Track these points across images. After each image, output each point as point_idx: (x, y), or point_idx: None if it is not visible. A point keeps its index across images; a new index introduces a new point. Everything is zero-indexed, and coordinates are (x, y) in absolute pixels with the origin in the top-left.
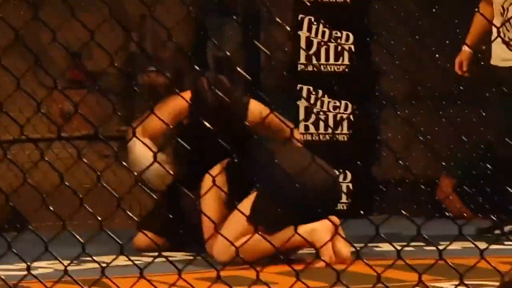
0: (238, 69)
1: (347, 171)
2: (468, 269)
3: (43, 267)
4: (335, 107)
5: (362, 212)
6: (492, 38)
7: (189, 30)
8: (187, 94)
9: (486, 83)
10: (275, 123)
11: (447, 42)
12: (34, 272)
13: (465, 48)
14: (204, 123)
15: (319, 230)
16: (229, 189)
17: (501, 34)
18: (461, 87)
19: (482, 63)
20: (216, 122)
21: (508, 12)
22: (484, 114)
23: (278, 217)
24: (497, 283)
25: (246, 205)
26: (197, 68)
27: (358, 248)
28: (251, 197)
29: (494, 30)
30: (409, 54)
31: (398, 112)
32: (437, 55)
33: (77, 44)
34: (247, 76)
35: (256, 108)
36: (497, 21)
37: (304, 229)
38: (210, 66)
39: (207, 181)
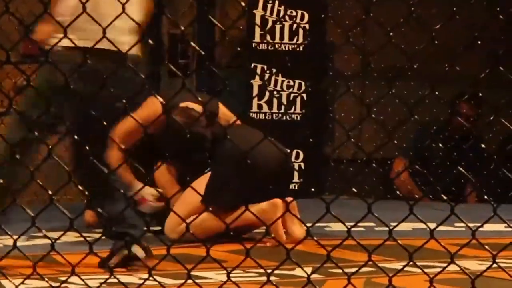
0: (192, 44)
1: (299, 151)
2: (417, 249)
3: None
4: (288, 86)
5: (313, 191)
6: None
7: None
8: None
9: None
10: (228, 116)
11: (401, 20)
12: None
13: None
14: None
15: (269, 209)
16: (182, 167)
17: None
18: (415, 66)
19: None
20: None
21: None
22: (436, 93)
23: (231, 197)
24: (445, 264)
25: (200, 184)
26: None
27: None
28: (206, 176)
29: None
30: (362, 32)
31: (351, 90)
32: (391, 33)
33: (30, 18)
34: (201, 51)
35: (224, 115)
36: None
37: (254, 208)
38: (164, 43)
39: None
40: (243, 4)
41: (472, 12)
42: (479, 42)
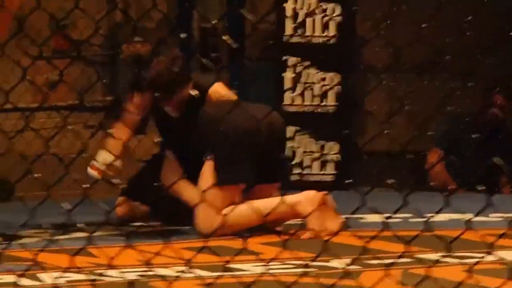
0: (224, 37)
1: (334, 143)
2: (454, 239)
3: (28, 236)
4: (321, 79)
5: (347, 183)
6: None
7: (174, 1)
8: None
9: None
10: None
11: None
12: (20, 241)
13: None
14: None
15: (304, 201)
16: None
17: None
18: (446, 58)
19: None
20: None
21: None
22: (469, 85)
23: (241, 170)
24: (482, 254)
25: (207, 174)
26: (181, 37)
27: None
28: (208, 164)
29: None
30: (393, 25)
31: (384, 82)
32: (422, 26)
33: (61, 13)
34: (233, 44)
35: (216, 92)
36: None
37: (289, 200)
38: (195, 37)
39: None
40: None
41: (503, 2)
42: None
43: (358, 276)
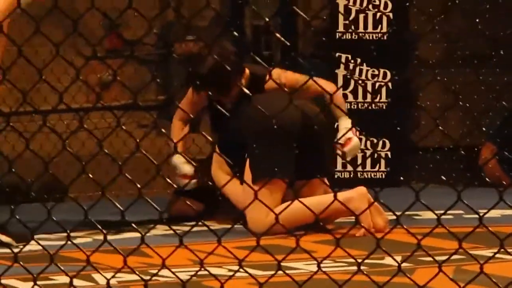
0: (277, 35)
1: (385, 139)
2: (508, 235)
3: (81, 236)
4: (373, 75)
5: (401, 179)
6: None
7: None
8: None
9: None
10: (291, 82)
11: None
12: (73, 241)
13: None
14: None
15: (356, 198)
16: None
17: None
18: (500, 51)
19: None
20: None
21: None
22: None
23: (276, 165)
24: None
25: (248, 172)
26: (236, 35)
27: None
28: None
29: None
30: (446, 20)
31: (438, 78)
32: (477, 19)
33: (114, 13)
34: (285, 41)
35: (274, 74)
36: None
37: (341, 197)
38: (247, 34)
39: (214, 159)
40: None
41: None
42: None
43: (412, 273)
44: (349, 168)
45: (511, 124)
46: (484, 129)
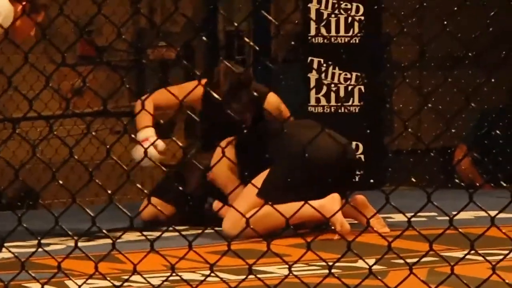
0: (247, 40)
1: (358, 143)
2: (478, 236)
3: (55, 243)
4: (346, 79)
5: (372, 182)
6: None
7: (199, 4)
8: (203, 82)
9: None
10: (285, 113)
11: (456, 8)
12: (45, 248)
13: None
14: (217, 109)
15: (327, 204)
16: (240, 164)
17: None
18: (471, 54)
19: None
20: (229, 110)
21: None
22: (493, 80)
23: (289, 192)
24: (508, 251)
25: (259, 180)
26: (207, 42)
27: (368, 219)
28: (264, 173)
29: None
30: (418, 22)
31: (407, 80)
32: (445, 22)
33: (87, 19)
34: (255, 47)
35: (274, 102)
36: None
37: (312, 203)
38: (220, 40)
39: (217, 154)
40: None
41: None
42: None
43: (384, 275)
44: None
45: (484, 126)
46: (454, 131)
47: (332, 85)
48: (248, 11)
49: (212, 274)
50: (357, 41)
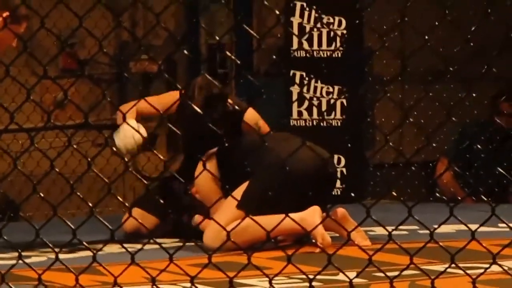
0: (228, 53)
1: (340, 156)
2: (458, 250)
3: (36, 255)
4: (328, 93)
5: (353, 196)
6: None
7: (181, 18)
8: (176, 94)
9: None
10: (264, 130)
11: (436, 23)
12: (27, 260)
13: None
14: (189, 120)
15: (308, 217)
16: (222, 177)
17: None
18: (451, 68)
19: None
20: (203, 122)
21: None
22: (474, 95)
23: (269, 204)
24: (488, 265)
25: (238, 193)
26: (189, 55)
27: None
28: (245, 185)
29: None
30: (400, 36)
31: (388, 94)
32: (426, 37)
33: (69, 32)
34: (236, 60)
35: (252, 117)
36: None
37: (293, 215)
38: (202, 53)
39: (199, 167)
40: (277, 12)
41: (507, 11)
42: None
43: None
44: None
45: (465, 140)
46: (435, 145)
47: (314, 99)
48: (230, 24)
49: (193, 287)
50: (339, 55)
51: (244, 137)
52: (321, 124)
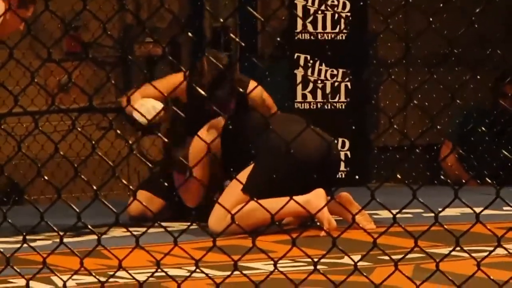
0: (233, 36)
1: (345, 139)
2: (463, 233)
3: (41, 239)
4: (332, 75)
5: (358, 179)
6: None
7: (185, 0)
8: (180, 76)
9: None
10: (269, 103)
11: (441, 5)
12: (32, 244)
13: None
14: (201, 99)
15: (313, 199)
16: (225, 156)
17: None
18: (456, 51)
19: None
20: (212, 99)
21: None
22: (478, 77)
23: (273, 187)
24: (492, 248)
25: (243, 175)
26: (193, 38)
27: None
28: (249, 168)
29: None
30: (404, 19)
31: (392, 77)
32: (430, 19)
33: (73, 15)
34: (241, 43)
35: (255, 90)
36: None
37: (298, 198)
38: (206, 36)
39: (196, 141)
40: None
41: None
42: None
43: (371, 272)
44: None
45: (469, 123)
46: (439, 127)
47: (319, 82)
48: (234, 7)
49: (198, 270)
50: (343, 38)
51: (249, 116)
52: (326, 107)
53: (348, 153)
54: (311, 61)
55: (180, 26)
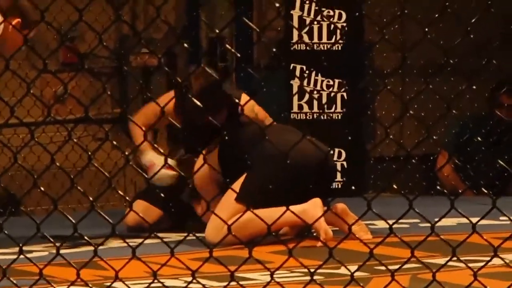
0: (228, 46)
1: (341, 150)
2: (460, 243)
3: (38, 250)
4: (328, 86)
5: (354, 189)
6: None
7: (181, 11)
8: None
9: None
10: (262, 116)
11: (437, 15)
12: (29, 255)
13: None
14: (190, 115)
15: (309, 209)
16: (223, 170)
17: None
18: (452, 61)
19: None
20: (203, 115)
21: None
22: (474, 87)
23: (268, 196)
24: (489, 258)
25: (237, 185)
26: (189, 48)
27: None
28: (243, 176)
29: None
30: (400, 29)
31: (388, 87)
32: (426, 29)
33: (69, 26)
34: (237, 53)
35: (247, 105)
36: None
37: (295, 208)
38: (202, 47)
39: (199, 161)
40: (277, 5)
41: (508, 4)
42: None
43: (367, 282)
44: None
45: (466, 133)
46: (435, 137)
47: (315, 92)
48: (230, 17)
49: (194, 281)
50: (339, 48)
51: (244, 128)
52: (322, 117)
53: (345, 163)
54: (307, 72)
55: (176, 36)
